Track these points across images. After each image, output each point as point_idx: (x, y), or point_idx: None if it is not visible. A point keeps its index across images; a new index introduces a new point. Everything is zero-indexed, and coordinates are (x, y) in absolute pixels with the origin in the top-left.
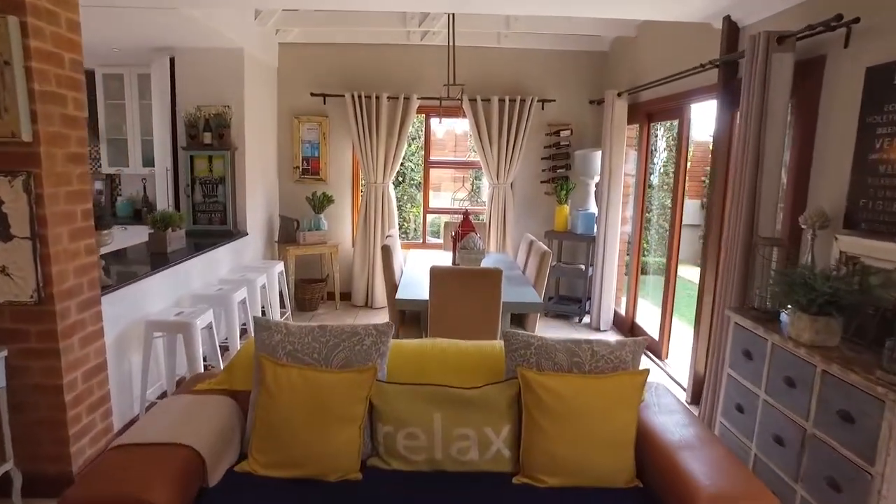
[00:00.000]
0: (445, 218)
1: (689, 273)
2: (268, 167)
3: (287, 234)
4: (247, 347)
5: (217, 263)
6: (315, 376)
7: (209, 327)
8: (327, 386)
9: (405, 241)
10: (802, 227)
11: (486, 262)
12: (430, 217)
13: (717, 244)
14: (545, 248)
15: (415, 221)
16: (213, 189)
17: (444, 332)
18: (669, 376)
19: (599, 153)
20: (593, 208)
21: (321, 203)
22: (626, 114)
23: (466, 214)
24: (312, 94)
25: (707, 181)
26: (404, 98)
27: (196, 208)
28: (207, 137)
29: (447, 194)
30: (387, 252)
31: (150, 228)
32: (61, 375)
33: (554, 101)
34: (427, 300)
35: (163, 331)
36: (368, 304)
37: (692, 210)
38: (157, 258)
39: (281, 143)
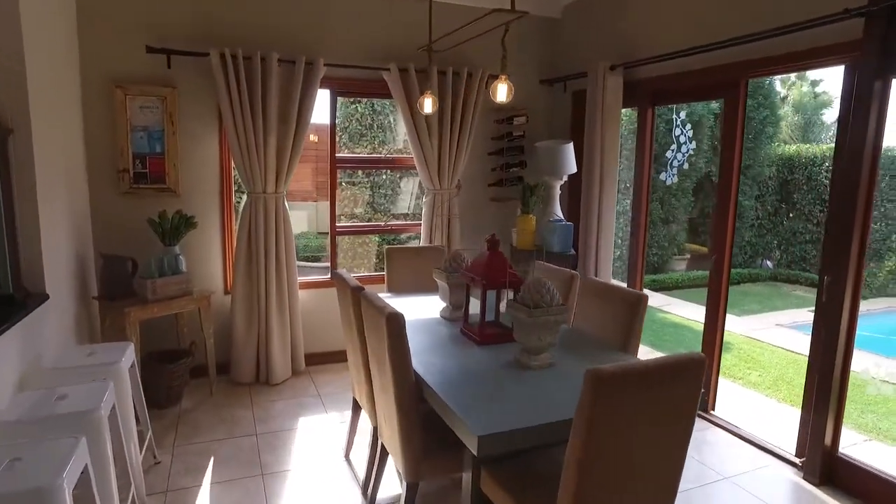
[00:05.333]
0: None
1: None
2: (71, 169)
3: (116, 286)
4: None
5: None
6: None
7: None
8: None
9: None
10: None
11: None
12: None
13: (856, 270)
14: (630, 289)
15: None
16: None
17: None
18: (741, 437)
19: (569, 146)
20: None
21: (176, 229)
22: (622, 94)
23: (494, 241)
24: (150, 50)
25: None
26: (306, 63)
27: None
28: None
29: (311, 206)
30: (397, 326)
31: None
32: None
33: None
34: (546, 423)
35: None
36: (261, 380)
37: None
38: None
39: (92, 129)
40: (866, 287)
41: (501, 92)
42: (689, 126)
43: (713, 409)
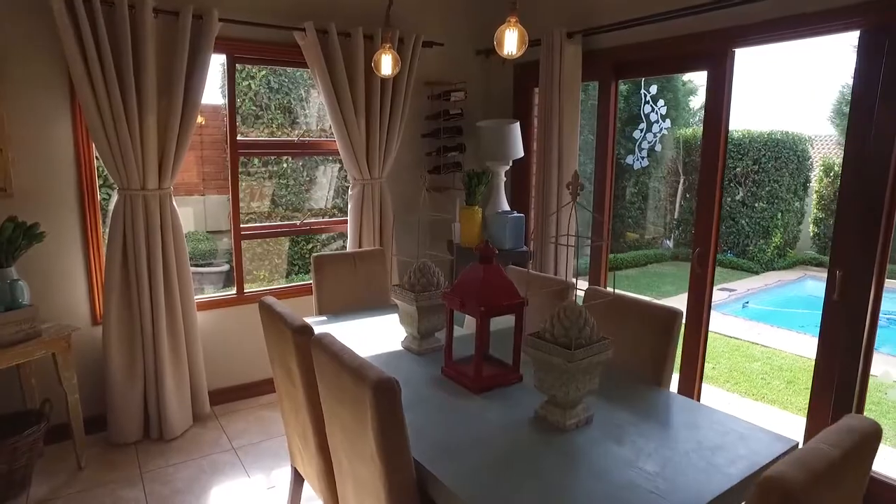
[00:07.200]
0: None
1: None
2: None
3: None
4: None
5: None
6: None
7: None
8: None
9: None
10: None
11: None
12: (196, 245)
13: (880, 267)
14: (658, 303)
15: None
16: None
17: None
18: None
19: (515, 126)
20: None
21: (10, 244)
22: (581, 65)
23: (488, 250)
24: None
25: None
26: (194, 16)
27: None
28: None
29: (199, 200)
30: (391, 403)
31: None
32: None
33: (442, 45)
34: None
35: None
36: (153, 436)
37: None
38: None
39: None
40: (756, 262)
41: (510, 41)
42: (661, 102)
43: None
